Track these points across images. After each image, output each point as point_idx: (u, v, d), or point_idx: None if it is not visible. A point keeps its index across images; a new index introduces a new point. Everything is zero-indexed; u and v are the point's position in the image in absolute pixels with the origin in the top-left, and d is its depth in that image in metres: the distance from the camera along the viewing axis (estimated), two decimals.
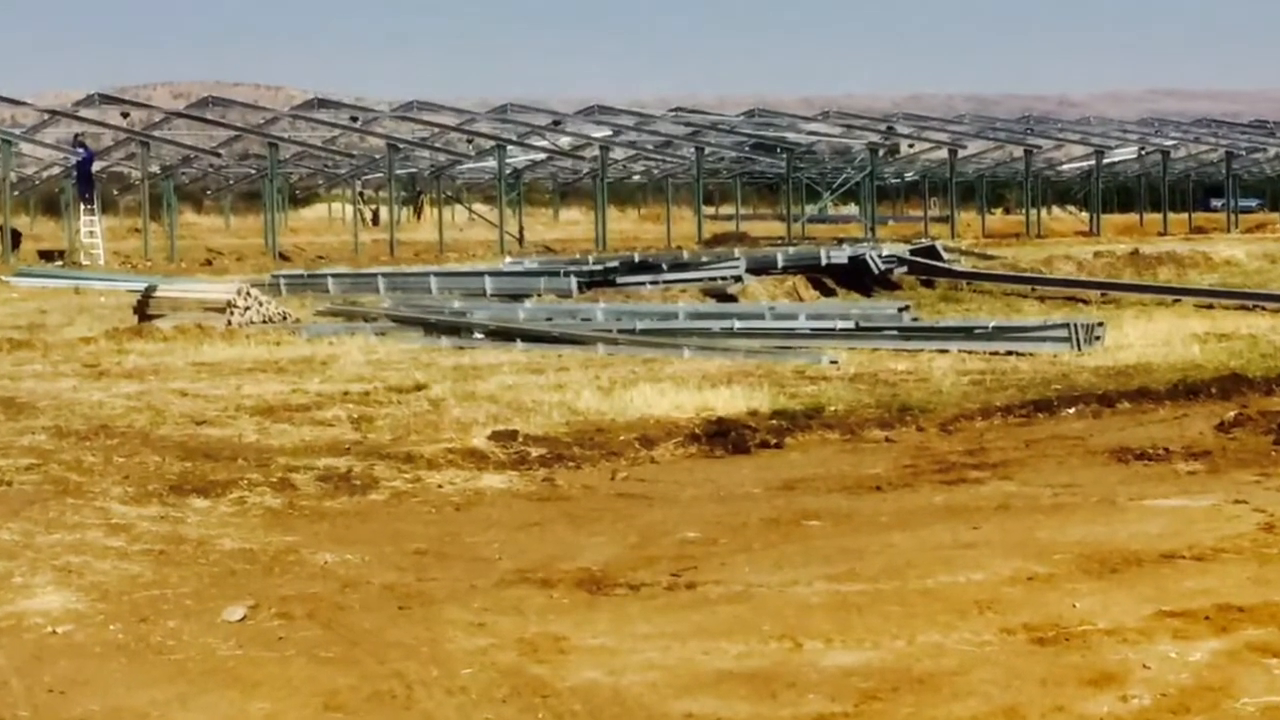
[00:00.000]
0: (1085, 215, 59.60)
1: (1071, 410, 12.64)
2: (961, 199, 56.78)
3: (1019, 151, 56.38)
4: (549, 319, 19.64)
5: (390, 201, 46.56)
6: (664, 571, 7.46)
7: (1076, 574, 7.09)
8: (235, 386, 14.29)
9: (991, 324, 18.17)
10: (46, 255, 38.48)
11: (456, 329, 18.66)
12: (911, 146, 58.87)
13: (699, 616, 6.59)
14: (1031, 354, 16.62)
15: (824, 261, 26.55)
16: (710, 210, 60.96)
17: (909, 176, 68.14)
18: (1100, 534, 7.94)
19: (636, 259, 27.39)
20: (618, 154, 55.04)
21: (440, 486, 9.84)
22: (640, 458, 10.96)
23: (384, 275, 26.68)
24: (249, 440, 11.39)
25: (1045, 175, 64.06)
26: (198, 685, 5.83)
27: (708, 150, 50.74)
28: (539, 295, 23.49)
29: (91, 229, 36.87)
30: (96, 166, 41.48)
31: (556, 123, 54.13)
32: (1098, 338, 17.35)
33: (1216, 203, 68.25)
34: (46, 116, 45.12)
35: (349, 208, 56.13)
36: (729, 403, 12.86)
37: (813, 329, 18.25)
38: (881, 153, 53.38)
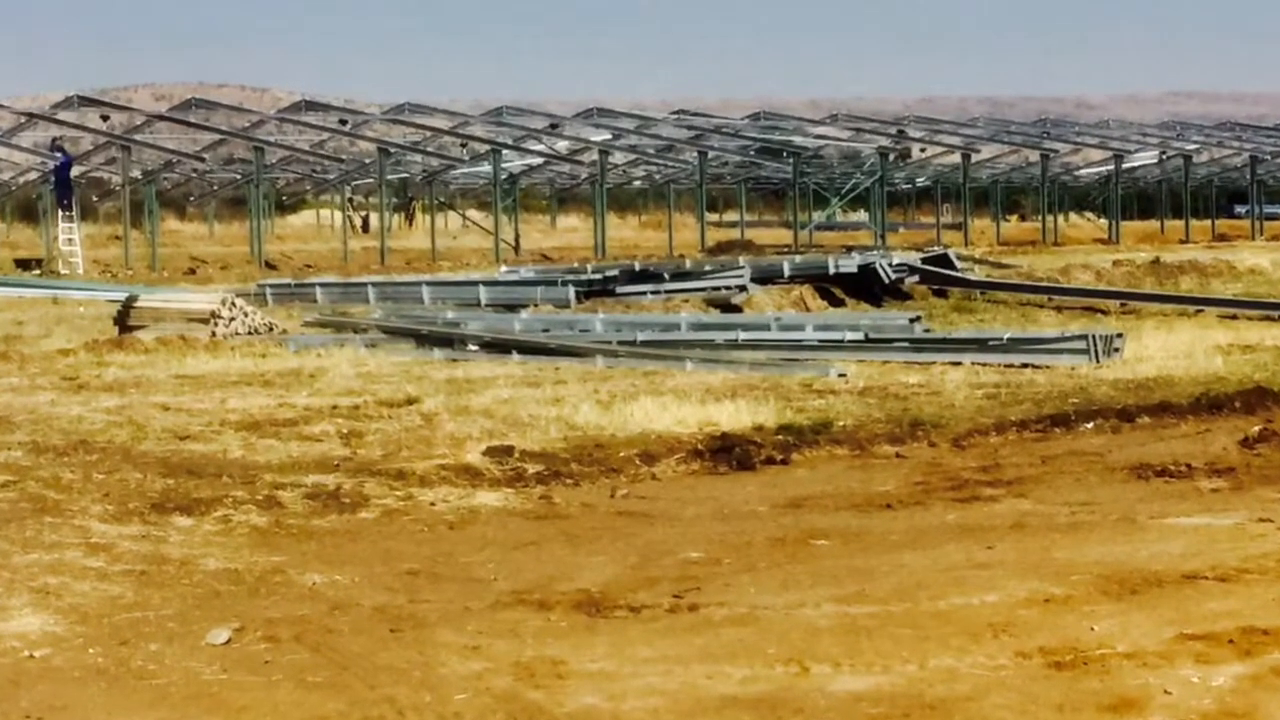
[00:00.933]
0: (1104, 222, 59.66)
1: (1090, 425, 12.65)
2: (975, 205, 56.83)
3: (1035, 156, 56.46)
4: (546, 330, 19.66)
5: (381, 208, 46.62)
6: (666, 593, 7.47)
7: (1095, 595, 7.10)
8: (220, 400, 14.31)
9: (1006, 335, 18.18)
10: (23, 264, 38.51)
11: (450, 340, 18.68)
12: (923, 151, 58.95)
13: (702, 640, 6.60)
14: (1048, 366, 16.64)
15: (832, 270, 26.57)
16: (714, 217, 60.99)
17: (920, 182, 68.22)
18: (1119, 554, 7.95)
19: (637, 268, 27.38)
20: (617, 158, 55.11)
21: (433, 504, 9.85)
22: (641, 474, 10.97)
23: (374, 284, 26.71)
24: (234, 456, 11.40)
25: (1062, 180, 64.12)
26: (180, 711, 5.83)
27: (711, 154, 50.78)
28: (535, 305, 23.51)
29: (70, 236, 36.92)
30: (75, 171, 41.52)
31: (554, 126, 54.20)
32: (1117, 350, 17.36)
33: (1240, 209, 68.29)
34: (23, 119, 45.18)
35: (338, 214, 56.18)
36: (733, 417, 12.87)
37: (820, 340, 18.27)
38: (892, 157, 53.45)
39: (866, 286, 26.56)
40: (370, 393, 14.76)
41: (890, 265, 27.10)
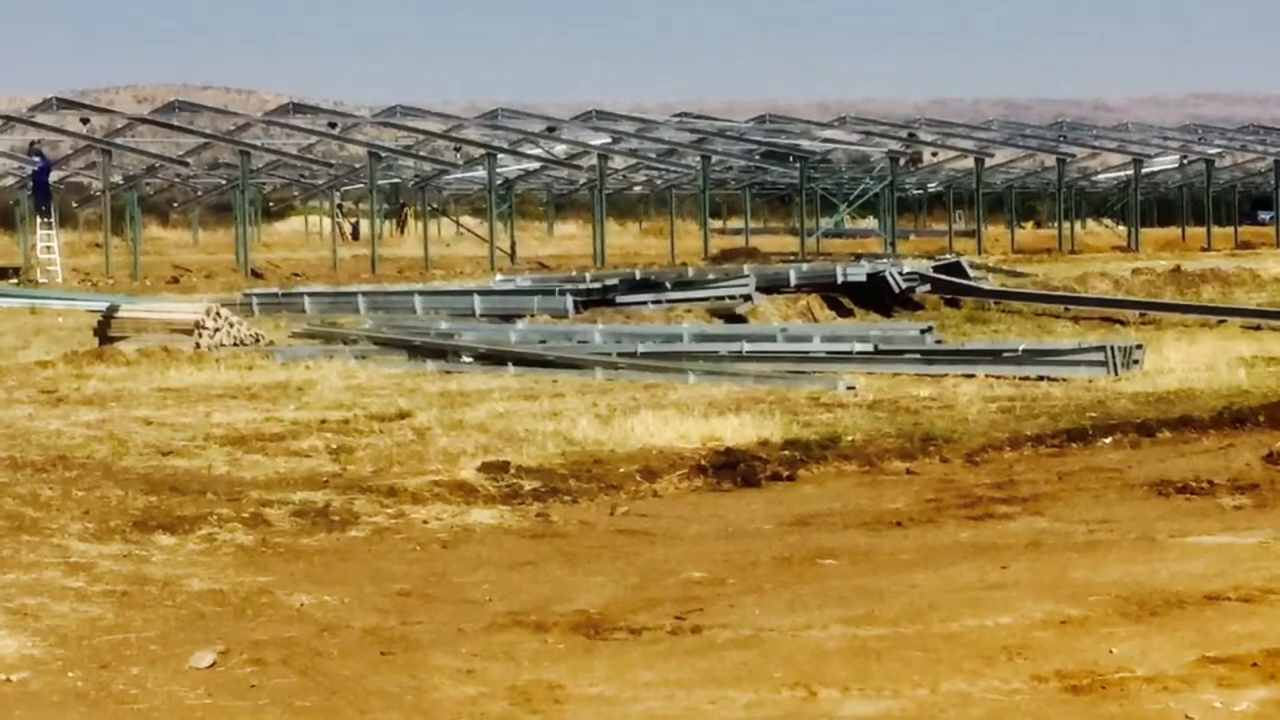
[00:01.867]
0: (1123, 229, 59.74)
1: (1108, 440, 12.66)
2: (989, 211, 56.86)
3: (1051, 160, 56.52)
4: (543, 341, 19.67)
5: (371, 214, 46.67)
6: (667, 614, 7.47)
7: (1113, 617, 7.10)
8: (204, 414, 14.31)
9: (1021, 347, 18.20)
10: None
11: (443, 352, 18.69)
12: (935, 155, 59.08)
13: (705, 663, 6.60)
14: (1065, 379, 16.65)
15: (840, 279, 26.60)
16: (717, 224, 61.10)
17: (932, 187, 68.34)
18: (1139, 574, 7.95)
19: (638, 276, 27.43)
20: (617, 163, 55.18)
21: (426, 522, 9.85)
22: (642, 491, 10.97)
23: (364, 294, 26.73)
24: (219, 472, 11.41)
25: (1079, 186, 64.21)
26: None
27: (715, 159, 50.84)
28: (532, 316, 23.53)
29: (49, 244, 37.00)
30: (54, 177, 41.58)
31: (551, 129, 54.27)
32: (1136, 361, 17.38)
33: (1265, 215, 68.35)
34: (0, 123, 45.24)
35: (327, 221, 56.29)
36: (737, 432, 12.88)
37: (828, 352, 18.28)
38: (902, 162, 53.54)
39: (876, 296, 26.59)
40: (360, 406, 14.77)
41: (901, 274, 27.12)
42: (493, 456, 11.69)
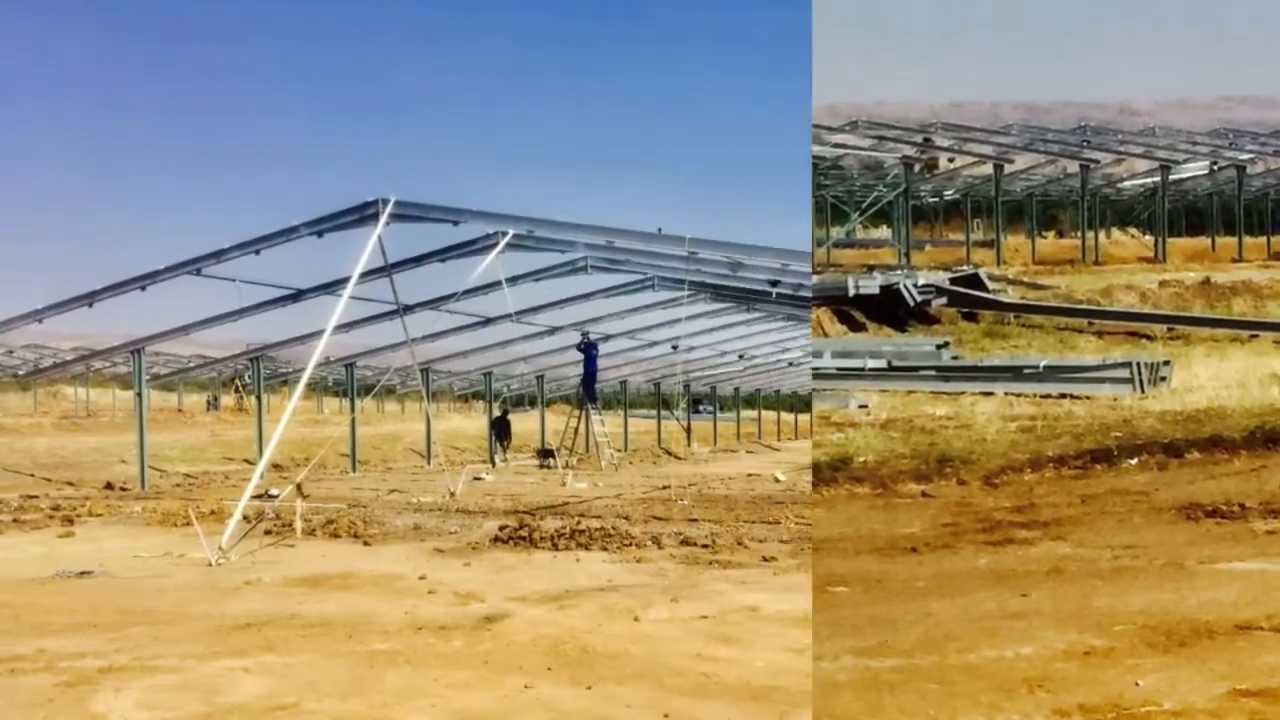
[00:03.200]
0: (1149, 239, 59.74)
1: (1134, 461, 12.67)
2: (1008, 221, 56.91)
3: (1074, 166, 56.52)
4: None
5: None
6: None
7: (1139, 647, 7.10)
8: None
9: (1043, 363, 18.22)
10: None
11: None
12: (951, 161, 59.08)
13: None
14: (1088, 397, 16.66)
15: (852, 292, 26.64)
16: None
17: (949, 195, 68.36)
18: (1166, 602, 7.95)
19: None
20: None
21: None
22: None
23: None
24: None
25: (1104, 193, 64.22)
26: None
27: None
28: None
29: None
30: None
31: None
32: (1163, 378, 17.39)
33: None
34: None
35: None
36: None
37: (839, 368, 18.31)
38: (917, 168, 53.56)
39: (889, 309, 26.62)
40: None
41: (915, 286, 27.15)
42: None
